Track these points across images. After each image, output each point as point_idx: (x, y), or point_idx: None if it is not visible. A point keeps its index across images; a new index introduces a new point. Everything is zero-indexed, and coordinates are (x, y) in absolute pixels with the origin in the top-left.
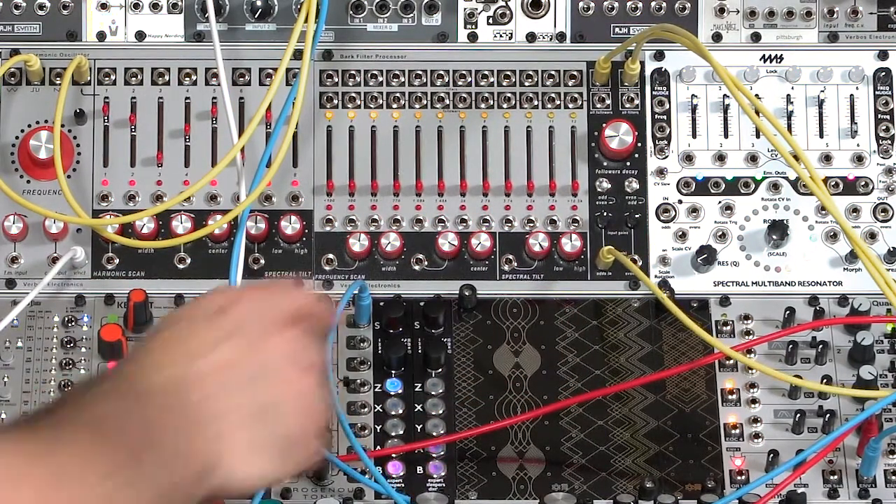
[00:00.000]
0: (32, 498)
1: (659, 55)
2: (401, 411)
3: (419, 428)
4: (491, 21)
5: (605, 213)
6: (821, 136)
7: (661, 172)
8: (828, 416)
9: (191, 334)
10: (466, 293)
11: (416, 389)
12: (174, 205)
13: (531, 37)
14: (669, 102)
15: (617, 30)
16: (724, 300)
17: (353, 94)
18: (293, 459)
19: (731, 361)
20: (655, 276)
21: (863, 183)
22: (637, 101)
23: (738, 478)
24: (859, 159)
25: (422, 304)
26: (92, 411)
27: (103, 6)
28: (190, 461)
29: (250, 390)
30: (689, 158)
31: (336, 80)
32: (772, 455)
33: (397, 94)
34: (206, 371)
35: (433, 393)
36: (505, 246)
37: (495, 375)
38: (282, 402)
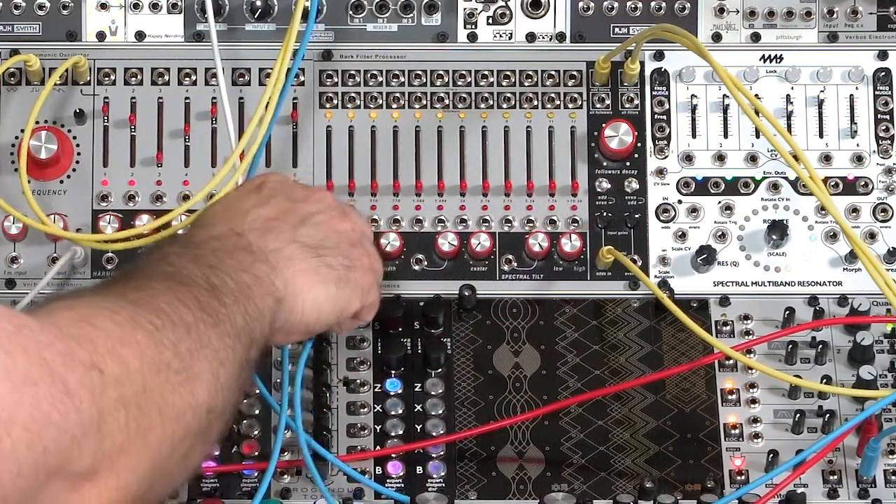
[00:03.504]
0: (138, 365)
1: (659, 55)
2: (400, 411)
3: (419, 428)
4: (491, 21)
5: (604, 213)
6: (820, 136)
7: (660, 172)
8: (827, 416)
9: (237, 201)
10: (466, 293)
11: (416, 389)
12: (175, 216)
13: (531, 37)
14: (669, 102)
15: (617, 30)
16: (724, 300)
17: (353, 94)
18: (350, 288)
19: (731, 361)
20: (655, 276)
21: (862, 183)
22: (637, 101)
23: (738, 478)
24: (859, 159)
25: (421, 304)
26: (163, 269)
27: (103, 6)
28: (258, 291)
29: (299, 230)
30: (688, 158)
31: (336, 80)
32: (771, 455)
33: (397, 95)
34: (255, 221)
35: (433, 393)
36: (505, 246)
37: (495, 375)
38: (329, 237)
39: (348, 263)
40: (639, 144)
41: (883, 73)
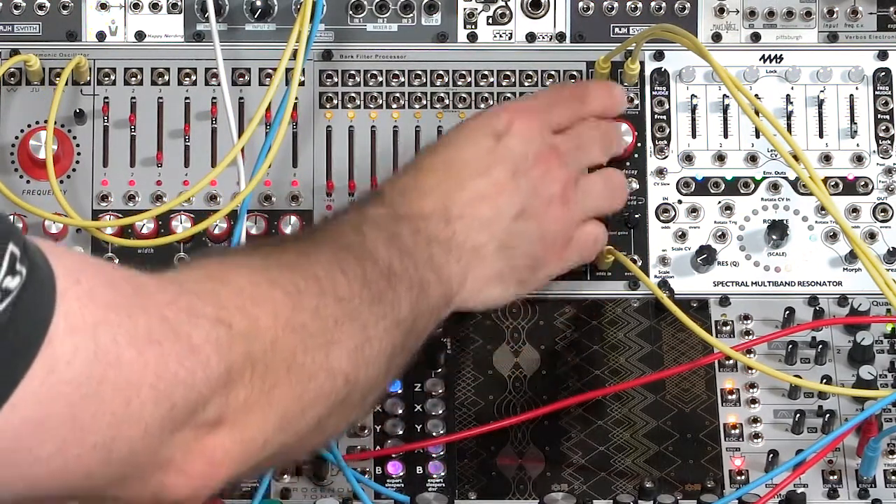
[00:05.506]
0: (270, 323)
1: (659, 55)
2: (401, 411)
3: (419, 428)
4: (491, 21)
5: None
6: (820, 136)
7: (660, 172)
8: (827, 416)
9: (461, 157)
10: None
11: (416, 389)
12: (174, 206)
13: (531, 37)
14: (669, 102)
15: (617, 30)
16: (724, 300)
17: (353, 94)
18: (529, 285)
19: (731, 361)
20: (655, 276)
21: (862, 183)
22: (637, 102)
23: (738, 478)
24: (859, 159)
25: None
26: (349, 238)
27: (103, 6)
28: (437, 291)
29: (504, 224)
30: (688, 158)
31: (336, 80)
32: (771, 455)
33: (397, 95)
34: (468, 201)
35: (433, 393)
36: None
37: (495, 375)
38: (529, 233)
39: (533, 264)
40: (639, 144)
41: (883, 73)
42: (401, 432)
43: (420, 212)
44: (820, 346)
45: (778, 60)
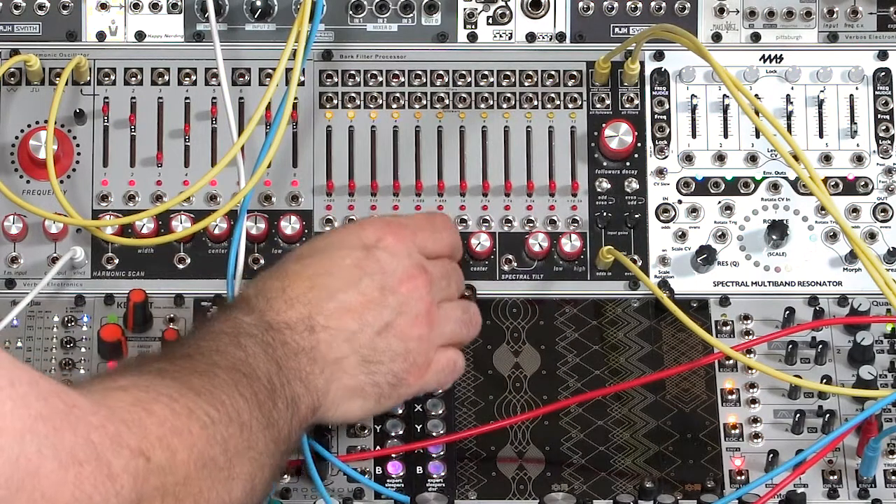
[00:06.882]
0: (185, 457)
1: (659, 55)
2: (401, 411)
3: (419, 428)
4: (491, 21)
5: (604, 213)
6: (820, 136)
7: (660, 172)
8: (827, 416)
9: (330, 267)
10: (466, 293)
11: None
12: (174, 205)
13: (531, 37)
14: (669, 102)
15: (617, 30)
16: (724, 300)
17: (353, 94)
18: (388, 401)
19: (731, 361)
20: (655, 276)
21: (862, 183)
22: (637, 101)
23: (738, 478)
24: (859, 159)
25: None
26: (232, 352)
27: (103, 6)
28: (307, 400)
29: (368, 338)
30: (688, 158)
31: (336, 80)
32: (771, 455)
33: (397, 94)
34: (334, 314)
35: (433, 393)
36: (505, 246)
37: (495, 375)
38: (391, 349)
39: (394, 382)
40: (639, 144)
41: (883, 73)
42: (401, 432)
43: (286, 321)
44: (820, 346)
45: (778, 60)
